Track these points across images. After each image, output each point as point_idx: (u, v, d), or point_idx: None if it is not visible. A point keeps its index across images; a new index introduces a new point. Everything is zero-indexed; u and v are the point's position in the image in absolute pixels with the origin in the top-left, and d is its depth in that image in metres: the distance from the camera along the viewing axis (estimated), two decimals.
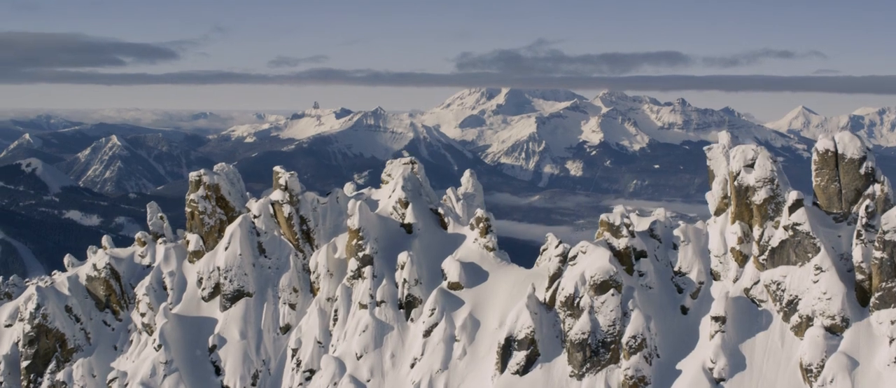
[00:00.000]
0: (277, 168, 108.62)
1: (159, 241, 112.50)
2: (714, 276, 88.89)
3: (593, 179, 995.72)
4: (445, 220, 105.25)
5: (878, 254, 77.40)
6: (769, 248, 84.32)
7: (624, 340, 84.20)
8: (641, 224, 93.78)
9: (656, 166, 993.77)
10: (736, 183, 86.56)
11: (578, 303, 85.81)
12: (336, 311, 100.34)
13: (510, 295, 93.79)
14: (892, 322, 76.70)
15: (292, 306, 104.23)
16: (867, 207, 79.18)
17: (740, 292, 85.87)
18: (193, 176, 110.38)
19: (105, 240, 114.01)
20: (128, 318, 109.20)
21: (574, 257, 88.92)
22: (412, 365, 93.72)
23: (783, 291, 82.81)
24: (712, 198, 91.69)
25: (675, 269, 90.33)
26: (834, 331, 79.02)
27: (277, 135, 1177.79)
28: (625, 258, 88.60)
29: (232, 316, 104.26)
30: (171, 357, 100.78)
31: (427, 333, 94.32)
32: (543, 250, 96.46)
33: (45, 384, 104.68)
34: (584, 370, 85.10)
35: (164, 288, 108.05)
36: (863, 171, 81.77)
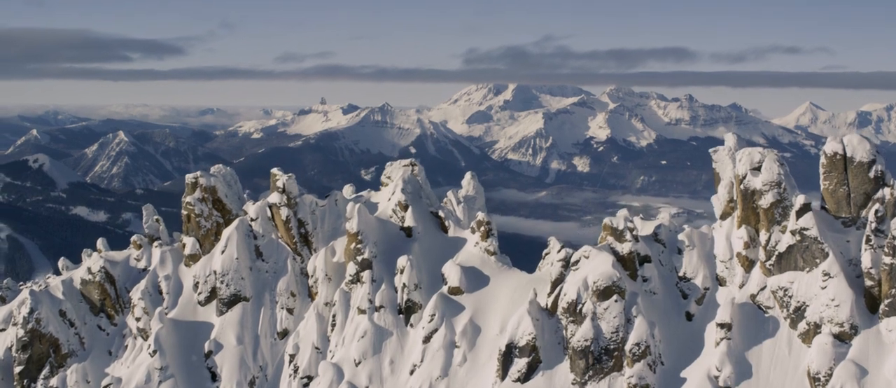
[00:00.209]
0: (275, 170, 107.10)
1: (155, 244, 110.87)
2: (720, 281, 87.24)
3: (600, 175, 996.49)
4: (446, 223, 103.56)
5: (887, 260, 75.94)
6: (776, 253, 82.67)
7: (627, 347, 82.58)
8: (645, 228, 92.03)
9: (663, 162, 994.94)
10: (742, 186, 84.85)
11: (581, 309, 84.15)
12: (334, 316, 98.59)
13: (511, 300, 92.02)
14: None
15: (290, 311, 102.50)
16: (877, 211, 77.67)
17: (746, 298, 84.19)
18: (190, 178, 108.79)
19: (100, 243, 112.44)
20: (123, 322, 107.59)
21: (576, 261, 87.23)
22: (411, 372, 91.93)
23: (790, 297, 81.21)
24: (718, 201, 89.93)
25: (680, 274, 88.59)
26: (842, 339, 77.45)
27: (284, 131, 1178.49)
28: (628, 263, 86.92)
29: (228, 321, 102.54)
30: (167, 363, 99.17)
31: (427, 339, 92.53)
32: (545, 255, 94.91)
33: None
34: (586, 377, 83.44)
35: (160, 292, 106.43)
36: (872, 174, 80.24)
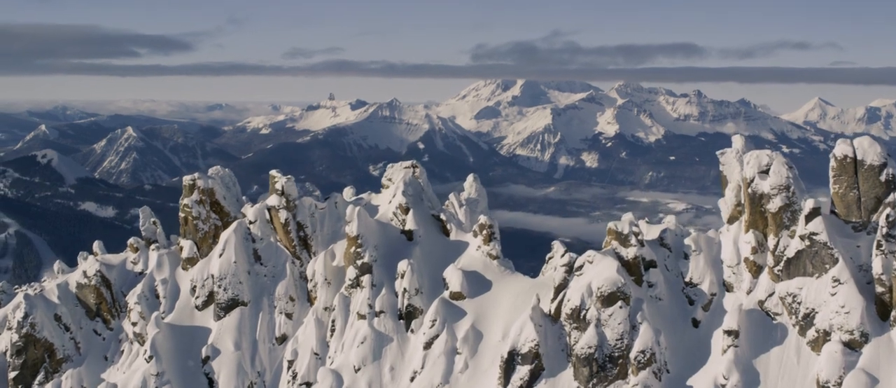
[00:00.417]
0: (274, 172, 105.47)
1: (152, 247, 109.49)
2: (727, 287, 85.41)
3: (609, 170, 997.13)
4: (448, 226, 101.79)
5: None
6: (784, 258, 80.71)
7: (632, 354, 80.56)
8: (651, 232, 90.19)
9: (672, 158, 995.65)
10: (750, 190, 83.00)
11: (585, 315, 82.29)
12: (333, 321, 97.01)
13: (514, 306, 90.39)
14: None
15: (289, 316, 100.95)
16: (888, 216, 75.64)
17: (754, 304, 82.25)
18: (187, 180, 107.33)
19: (96, 246, 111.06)
20: (119, 327, 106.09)
21: (580, 266, 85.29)
22: (412, 379, 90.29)
23: (799, 303, 79.24)
24: (725, 205, 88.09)
25: (686, 280, 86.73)
26: (852, 346, 75.39)
27: (293, 126, 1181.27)
28: (633, 268, 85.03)
29: (226, 326, 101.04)
30: (163, 369, 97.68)
31: (428, 345, 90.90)
32: (549, 259, 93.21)
33: None
34: (590, 386, 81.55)
35: (157, 296, 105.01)
36: (883, 177, 78.36)
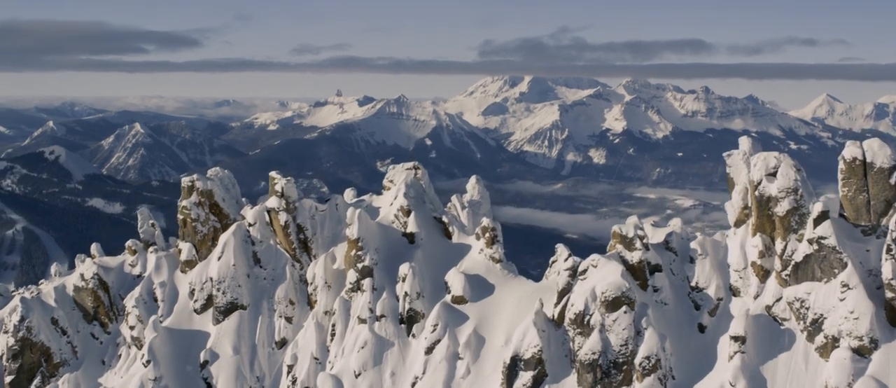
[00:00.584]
0: (273, 174, 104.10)
1: (150, 249, 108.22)
2: (733, 292, 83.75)
3: (616, 167, 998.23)
4: (450, 229, 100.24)
5: None
6: (792, 263, 78.95)
7: (637, 360, 79.05)
8: (656, 236, 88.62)
9: (680, 154, 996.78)
10: (757, 193, 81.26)
11: (589, 321, 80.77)
12: (334, 325, 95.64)
13: (517, 310, 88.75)
14: None
15: (288, 320, 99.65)
16: None
17: (761, 309, 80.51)
18: (186, 181, 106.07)
19: (94, 248, 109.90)
20: (117, 331, 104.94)
21: (584, 271, 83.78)
22: (413, 384, 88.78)
23: (807, 309, 77.44)
24: (732, 208, 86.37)
25: (692, 284, 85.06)
26: (862, 353, 73.61)
27: (300, 123, 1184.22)
28: (638, 273, 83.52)
29: (225, 330, 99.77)
30: (161, 374, 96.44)
31: (429, 350, 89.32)
32: (552, 263, 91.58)
33: None
34: None
35: (155, 300, 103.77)
36: (893, 180, 76.65)
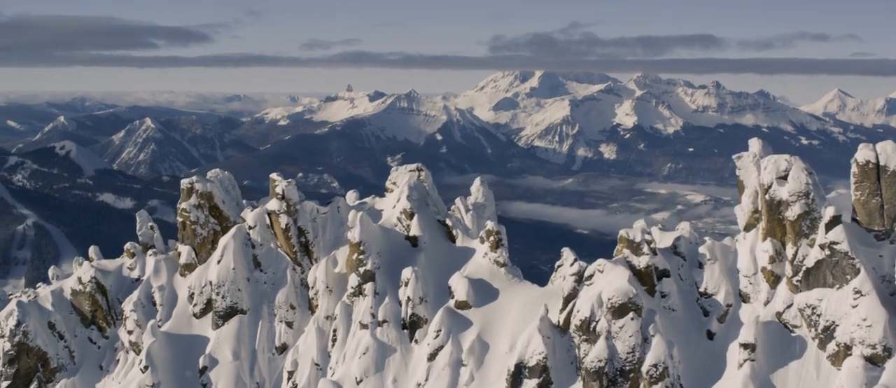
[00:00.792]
0: (274, 175, 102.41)
1: (149, 252, 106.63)
2: (743, 298, 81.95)
3: (627, 162, 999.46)
4: (454, 232, 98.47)
5: None
6: (804, 268, 77.03)
7: (644, 368, 77.12)
8: (664, 240, 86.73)
9: (690, 150, 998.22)
10: (767, 196, 79.36)
11: (595, 327, 78.93)
12: (335, 331, 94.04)
13: (522, 315, 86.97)
14: None
15: (289, 325, 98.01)
16: None
17: (772, 316, 78.67)
18: (185, 183, 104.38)
19: (92, 251, 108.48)
20: (115, 335, 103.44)
21: (590, 276, 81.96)
22: None
23: (819, 316, 75.58)
24: (741, 212, 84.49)
25: (701, 290, 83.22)
26: (875, 361, 71.80)
27: (311, 118, 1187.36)
28: (646, 278, 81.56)
29: (224, 335, 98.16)
30: (159, 379, 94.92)
31: (432, 356, 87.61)
32: (558, 267, 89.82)
33: None
34: None
35: (154, 304, 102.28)
36: None
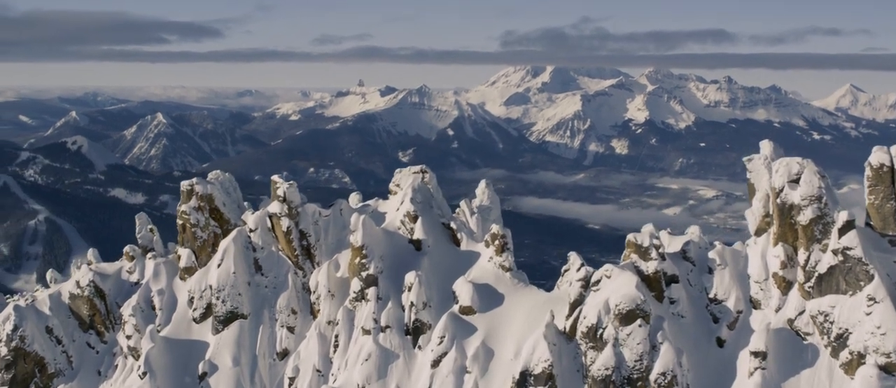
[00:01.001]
0: (275, 177, 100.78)
1: (149, 255, 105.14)
2: (754, 304, 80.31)
3: (639, 157, 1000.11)
4: (458, 235, 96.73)
5: None
6: (816, 274, 75.63)
7: (652, 377, 75.90)
8: (673, 245, 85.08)
9: (702, 145, 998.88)
10: (779, 200, 77.73)
11: (602, 334, 77.55)
12: (337, 336, 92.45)
13: (527, 321, 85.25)
14: None
15: (291, 330, 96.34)
16: None
17: (783, 323, 77.22)
18: (185, 185, 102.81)
19: (90, 254, 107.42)
20: (113, 340, 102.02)
21: (597, 281, 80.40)
22: None
23: (832, 323, 74.27)
24: (752, 216, 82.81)
25: (711, 296, 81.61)
26: (889, 370, 70.62)
27: (322, 113, 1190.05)
28: (654, 284, 79.93)
29: (224, 340, 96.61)
30: (158, 386, 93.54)
31: (435, 363, 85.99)
32: (564, 272, 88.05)
33: None
34: None
35: (153, 308, 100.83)
36: None
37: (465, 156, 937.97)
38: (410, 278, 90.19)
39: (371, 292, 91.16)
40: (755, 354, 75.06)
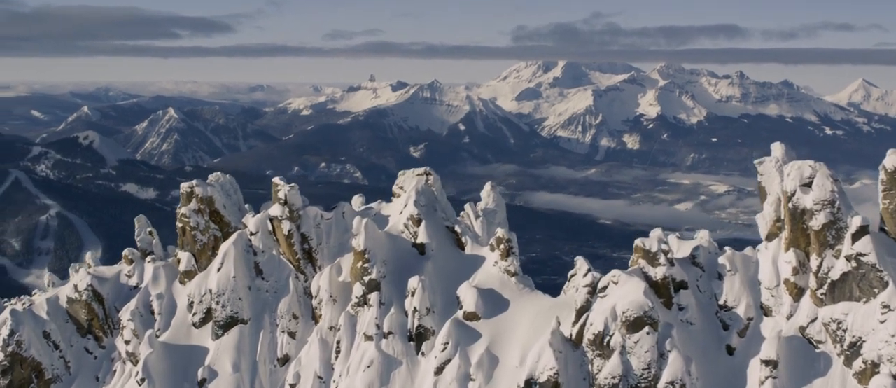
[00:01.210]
0: (276, 180, 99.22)
1: (148, 258, 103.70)
2: (765, 311, 78.49)
3: (650, 152, 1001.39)
4: (463, 239, 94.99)
5: None
6: (829, 281, 73.79)
7: (660, 385, 74.08)
8: (682, 250, 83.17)
9: (714, 140, 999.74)
10: (791, 205, 75.78)
11: (609, 342, 75.76)
12: (339, 342, 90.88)
13: (533, 328, 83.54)
14: None
15: (292, 335, 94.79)
16: None
17: (795, 330, 75.37)
18: (185, 187, 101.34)
19: (89, 257, 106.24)
20: (112, 345, 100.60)
21: (604, 287, 78.57)
22: None
23: (845, 331, 72.39)
24: (763, 220, 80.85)
25: (721, 302, 79.79)
26: None
27: (333, 108, 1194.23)
28: (662, 290, 78.22)
29: (224, 346, 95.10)
30: None
31: (439, 370, 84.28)
32: (571, 277, 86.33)
33: None
34: None
35: (152, 313, 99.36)
36: None
37: (477, 151, 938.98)
38: (414, 282, 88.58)
39: (373, 297, 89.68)
40: (766, 362, 73.46)
